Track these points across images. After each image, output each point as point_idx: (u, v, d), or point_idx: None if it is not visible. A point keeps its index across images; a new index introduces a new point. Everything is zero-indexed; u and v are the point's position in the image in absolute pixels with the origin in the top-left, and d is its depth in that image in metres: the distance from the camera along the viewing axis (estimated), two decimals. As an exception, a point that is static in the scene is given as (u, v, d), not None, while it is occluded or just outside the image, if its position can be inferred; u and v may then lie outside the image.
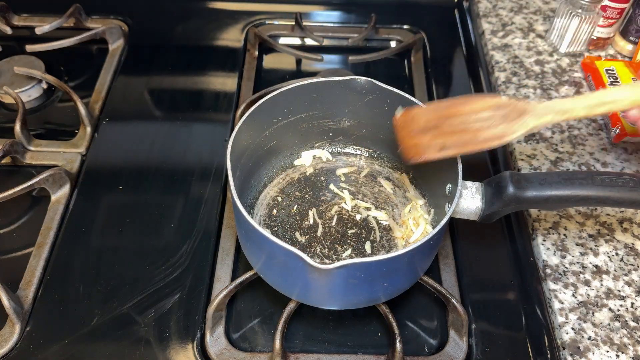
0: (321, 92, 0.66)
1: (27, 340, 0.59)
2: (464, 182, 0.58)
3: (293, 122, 0.68)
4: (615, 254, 0.66)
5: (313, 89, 0.65)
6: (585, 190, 0.55)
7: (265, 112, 0.63)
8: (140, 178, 0.74)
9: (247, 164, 0.65)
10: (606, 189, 0.55)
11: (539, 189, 0.56)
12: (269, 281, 0.60)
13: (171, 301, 0.62)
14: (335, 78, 0.64)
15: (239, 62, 0.90)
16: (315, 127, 0.71)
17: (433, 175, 0.66)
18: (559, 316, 0.61)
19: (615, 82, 0.80)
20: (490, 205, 0.57)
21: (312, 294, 0.58)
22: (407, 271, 0.57)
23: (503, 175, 0.58)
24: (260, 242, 0.54)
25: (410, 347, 0.60)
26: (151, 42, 0.94)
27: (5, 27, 0.92)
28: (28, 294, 0.62)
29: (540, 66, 0.88)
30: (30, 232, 0.68)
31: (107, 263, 0.65)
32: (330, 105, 0.68)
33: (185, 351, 0.59)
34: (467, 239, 0.69)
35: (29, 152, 0.76)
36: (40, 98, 0.85)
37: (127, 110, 0.83)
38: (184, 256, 0.66)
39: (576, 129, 0.79)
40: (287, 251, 0.49)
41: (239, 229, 0.62)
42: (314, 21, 0.98)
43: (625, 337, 0.59)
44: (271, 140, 0.68)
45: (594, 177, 0.56)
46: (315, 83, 0.65)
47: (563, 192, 0.56)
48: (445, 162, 0.59)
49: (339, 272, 0.49)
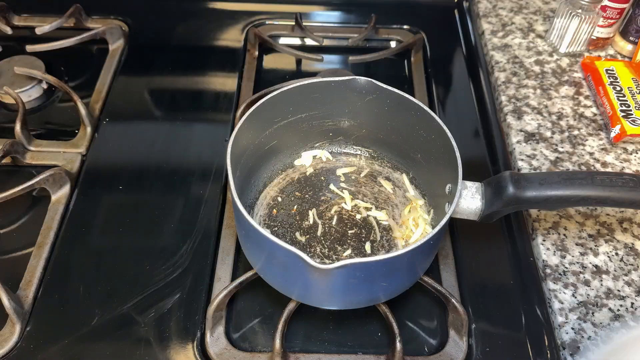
0: (321, 92, 0.66)
1: (27, 340, 0.59)
2: (463, 182, 0.58)
3: (293, 122, 0.68)
4: (615, 254, 0.66)
5: (313, 89, 0.65)
6: (585, 190, 0.55)
7: (266, 112, 0.63)
8: (140, 178, 0.74)
9: (247, 164, 0.65)
10: (606, 189, 0.55)
11: (538, 189, 0.56)
12: (269, 281, 0.60)
13: (171, 301, 0.62)
14: (335, 78, 0.64)
15: (239, 62, 0.90)
16: (316, 127, 0.71)
17: (433, 175, 0.66)
18: (559, 316, 0.61)
19: (615, 82, 0.80)
20: (490, 205, 0.57)
21: (312, 294, 0.58)
22: (407, 271, 0.58)
23: (503, 175, 0.58)
24: (260, 242, 0.54)
25: (410, 347, 0.60)
26: (151, 42, 0.94)
27: (5, 27, 0.92)
28: (28, 294, 0.62)
29: (540, 66, 0.88)
30: (30, 232, 0.68)
31: (107, 263, 0.65)
32: (331, 106, 0.68)
33: (185, 351, 0.59)
34: (467, 239, 0.69)
35: (29, 152, 0.76)
36: (40, 98, 0.85)
37: (127, 110, 0.83)
38: (184, 256, 0.66)
39: (576, 129, 0.79)
40: (287, 251, 0.49)
41: (239, 229, 0.62)
42: (314, 21, 0.98)
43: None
44: (271, 140, 0.68)
45: (594, 177, 0.56)
46: (316, 83, 0.65)
47: (563, 192, 0.56)
48: (446, 162, 0.59)
49: (339, 272, 0.49)
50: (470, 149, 0.80)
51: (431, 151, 0.64)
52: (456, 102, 0.86)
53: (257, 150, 0.66)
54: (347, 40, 0.95)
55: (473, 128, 0.83)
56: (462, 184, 0.57)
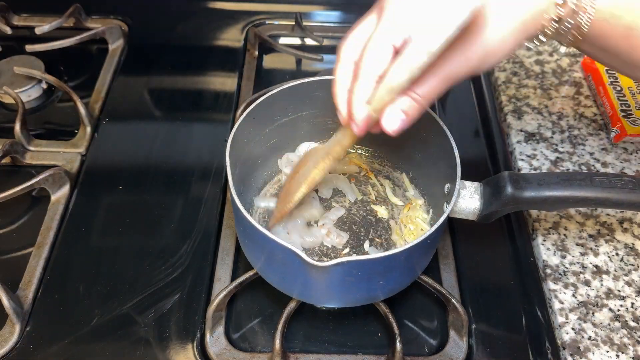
0: (322, 91, 0.66)
1: (27, 340, 0.59)
2: (462, 181, 0.58)
3: (294, 120, 0.68)
4: (616, 254, 0.66)
5: (315, 87, 0.65)
6: (584, 191, 0.55)
7: (266, 110, 0.63)
8: (140, 178, 0.74)
9: (247, 162, 0.65)
10: (605, 191, 0.55)
11: (537, 190, 0.56)
12: (269, 280, 0.60)
13: (171, 301, 0.62)
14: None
15: (239, 62, 0.90)
16: (317, 126, 0.71)
17: (432, 175, 0.65)
18: (559, 316, 0.61)
19: (615, 82, 0.80)
20: (489, 205, 0.57)
21: (312, 292, 0.58)
22: (405, 270, 0.58)
23: (502, 176, 0.57)
24: (259, 240, 0.54)
25: (410, 347, 0.60)
26: (151, 42, 0.94)
27: (5, 27, 0.92)
28: (28, 294, 0.62)
29: (540, 66, 0.88)
30: (30, 232, 0.68)
31: (107, 263, 0.65)
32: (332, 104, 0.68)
33: (185, 351, 0.59)
34: (467, 239, 0.69)
35: (28, 152, 0.76)
36: (40, 98, 0.85)
37: (127, 110, 0.83)
38: (184, 256, 0.66)
39: (576, 129, 0.79)
40: (284, 248, 0.49)
41: (237, 226, 0.62)
42: (314, 21, 0.98)
43: (625, 337, 0.59)
44: (272, 138, 0.68)
45: (593, 178, 0.56)
46: (317, 81, 0.65)
47: (562, 193, 0.56)
48: (445, 162, 0.59)
49: (336, 270, 0.49)
50: (470, 148, 0.80)
51: (431, 151, 0.64)
52: (456, 102, 0.86)
53: (257, 148, 0.66)
54: (347, 40, 0.94)
55: (473, 128, 0.83)
56: (461, 183, 0.57)
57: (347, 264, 0.49)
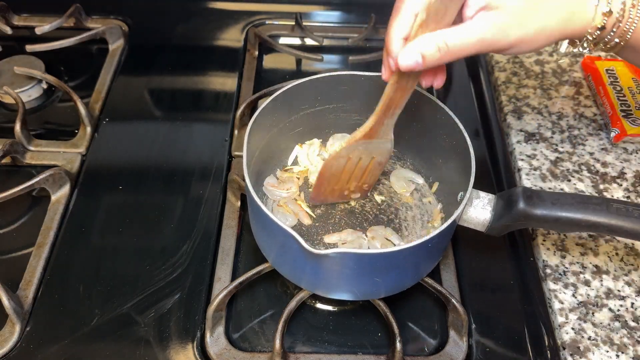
0: (350, 85, 0.66)
1: (27, 340, 0.59)
2: (477, 191, 0.57)
3: (320, 112, 0.69)
4: (615, 254, 0.66)
5: (342, 81, 0.65)
6: (598, 216, 0.53)
7: (292, 98, 0.64)
8: (140, 178, 0.74)
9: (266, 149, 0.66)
10: (620, 219, 0.52)
11: (550, 209, 0.54)
12: (282, 271, 0.60)
13: (171, 301, 0.62)
14: (365, 73, 0.64)
15: (239, 62, 0.90)
16: (342, 120, 0.71)
17: (449, 181, 0.65)
18: (559, 316, 0.61)
19: (615, 82, 0.80)
20: (499, 218, 0.56)
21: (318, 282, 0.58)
22: (406, 269, 0.57)
23: (515, 190, 0.56)
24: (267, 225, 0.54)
25: (410, 347, 0.60)
26: (151, 42, 0.94)
27: (5, 27, 0.92)
28: (28, 294, 0.62)
29: (540, 66, 0.88)
30: (30, 232, 0.68)
31: (107, 263, 0.65)
32: (358, 100, 0.68)
33: (185, 351, 0.59)
34: (467, 239, 0.69)
35: (29, 152, 0.76)
36: (40, 98, 0.85)
37: (127, 110, 0.83)
38: (183, 256, 0.66)
39: (576, 129, 0.79)
40: (284, 231, 0.50)
41: (251, 214, 0.62)
42: (314, 21, 0.98)
43: (625, 337, 0.59)
44: (297, 126, 0.69)
45: (610, 204, 0.53)
46: (345, 75, 0.65)
47: (574, 215, 0.53)
48: (462, 170, 0.59)
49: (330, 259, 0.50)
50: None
51: (451, 157, 0.64)
52: (456, 102, 0.86)
53: (280, 135, 0.67)
54: (347, 40, 0.95)
55: (473, 128, 0.83)
56: (476, 193, 0.57)
57: (344, 255, 0.49)
